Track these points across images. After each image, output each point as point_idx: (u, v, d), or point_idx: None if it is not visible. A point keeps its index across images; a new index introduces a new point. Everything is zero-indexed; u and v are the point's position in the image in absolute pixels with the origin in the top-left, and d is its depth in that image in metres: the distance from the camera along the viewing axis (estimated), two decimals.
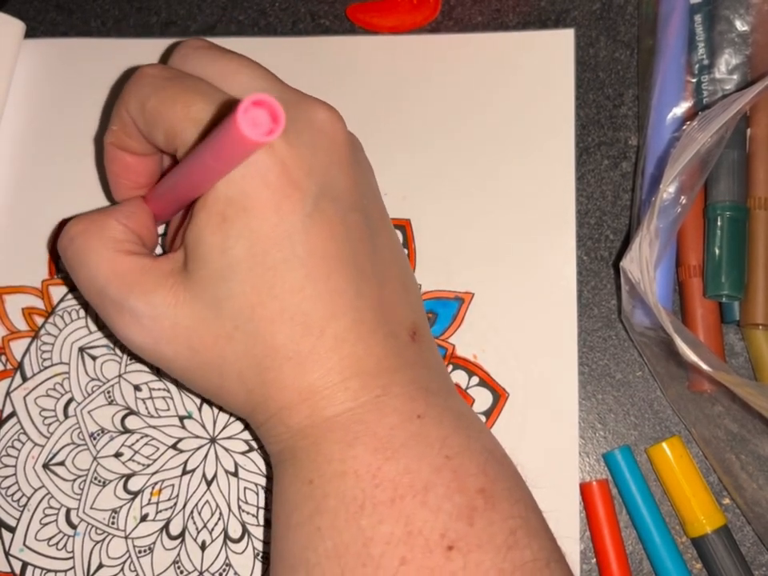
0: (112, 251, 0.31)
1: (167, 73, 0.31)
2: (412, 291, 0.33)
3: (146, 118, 0.31)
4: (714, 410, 0.36)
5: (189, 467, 0.38)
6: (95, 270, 0.31)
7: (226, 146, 0.25)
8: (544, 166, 0.39)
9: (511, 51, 0.41)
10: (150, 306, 0.30)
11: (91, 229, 0.32)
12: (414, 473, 0.27)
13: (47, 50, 0.42)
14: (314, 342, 0.29)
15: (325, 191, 0.29)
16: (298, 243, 0.28)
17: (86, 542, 0.37)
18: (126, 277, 0.30)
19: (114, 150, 0.34)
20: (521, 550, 0.27)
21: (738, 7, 0.38)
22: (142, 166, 0.34)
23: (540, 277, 0.38)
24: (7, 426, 0.38)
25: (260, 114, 0.24)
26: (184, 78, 0.31)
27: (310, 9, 0.43)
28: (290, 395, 0.29)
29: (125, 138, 0.33)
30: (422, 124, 0.40)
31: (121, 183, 0.35)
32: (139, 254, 0.31)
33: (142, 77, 0.31)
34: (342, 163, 0.30)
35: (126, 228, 0.32)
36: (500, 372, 0.38)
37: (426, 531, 0.27)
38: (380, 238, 0.32)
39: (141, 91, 0.31)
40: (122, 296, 0.30)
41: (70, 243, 0.32)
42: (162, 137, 0.30)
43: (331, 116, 0.31)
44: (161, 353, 0.30)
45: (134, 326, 0.30)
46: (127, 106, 0.31)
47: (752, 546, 0.36)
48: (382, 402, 0.29)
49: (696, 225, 0.37)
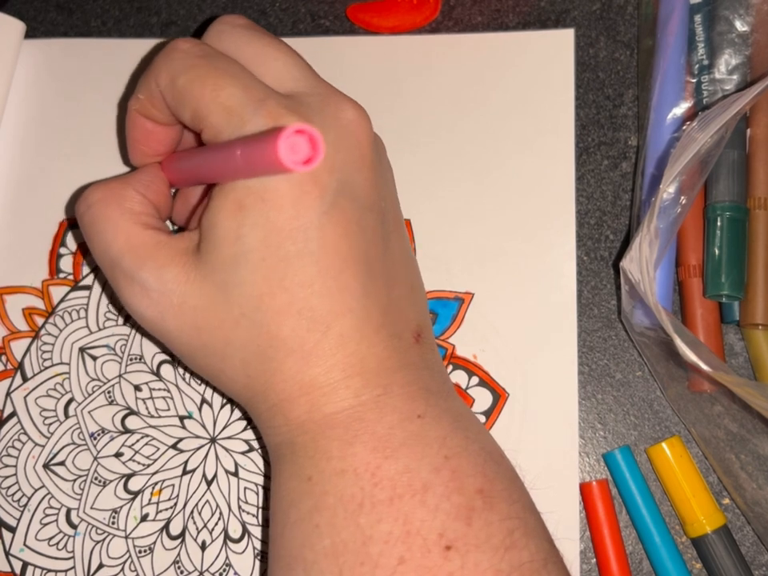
0: (129, 222, 0.31)
1: (200, 50, 0.31)
2: (419, 293, 0.33)
3: (175, 94, 0.31)
4: (714, 410, 0.36)
5: (189, 467, 0.38)
6: (111, 240, 0.31)
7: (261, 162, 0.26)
8: (544, 166, 0.39)
9: (511, 51, 0.41)
10: (161, 280, 0.30)
11: (109, 197, 0.32)
12: (413, 472, 0.28)
13: (47, 50, 0.42)
14: (319, 337, 0.29)
15: (344, 189, 0.29)
16: (313, 238, 0.29)
17: (87, 542, 0.37)
18: (140, 250, 0.31)
19: (137, 116, 0.34)
20: (518, 550, 0.27)
21: (737, 7, 0.38)
22: (164, 134, 0.34)
23: (540, 277, 0.38)
24: (7, 426, 0.38)
25: (300, 141, 0.24)
26: (216, 58, 0.31)
27: (309, 9, 0.43)
28: (291, 387, 0.29)
29: (150, 108, 0.33)
30: (422, 124, 0.40)
31: (139, 149, 0.35)
32: (155, 227, 0.32)
33: (175, 50, 0.31)
34: (364, 163, 0.30)
35: (144, 198, 0.32)
36: (500, 372, 0.38)
37: (425, 531, 0.27)
38: (392, 239, 0.32)
39: (172, 65, 0.31)
40: (134, 268, 0.30)
41: (87, 210, 0.32)
42: (188, 115, 0.30)
43: (359, 115, 0.31)
44: (165, 327, 0.31)
45: (142, 298, 0.30)
46: (157, 78, 0.31)
47: (752, 546, 0.36)
48: (383, 401, 0.29)
49: (696, 225, 0.37)
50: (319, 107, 0.30)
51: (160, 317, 0.30)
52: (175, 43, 0.31)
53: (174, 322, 0.30)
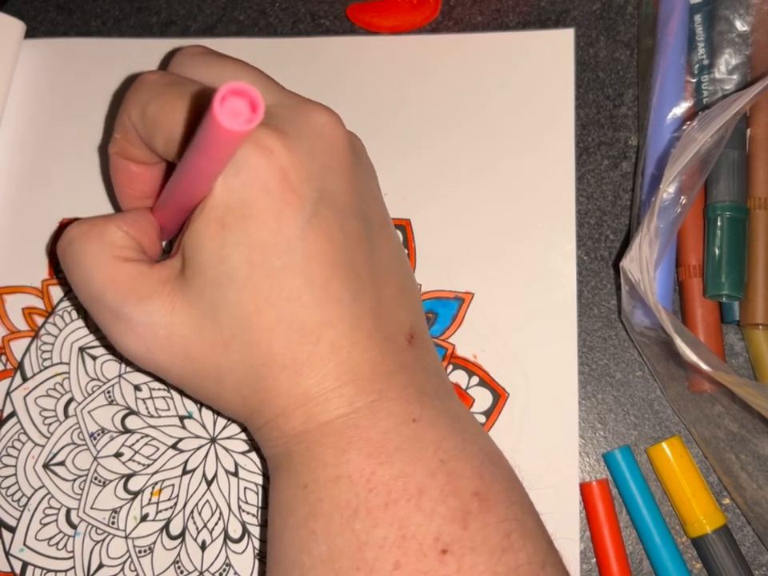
0: (109, 257, 0.31)
1: (167, 79, 0.31)
2: (411, 294, 0.33)
3: (147, 123, 0.30)
4: (714, 410, 0.36)
5: (189, 467, 0.38)
6: (91, 274, 0.30)
7: (208, 141, 0.25)
8: (544, 165, 0.39)
9: (511, 51, 0.41)
10: (146, 314, 0.29)
11: (90, 232, 0.31)
12: (409, 476, 0.27)
13: (47, 50, 0.42)
14: (311, 349, 0.29)
15: (324, 197, 0.29)
16: (297, 250, 0.28)
17: (86, 542, 0.37)
18: (122, 283, 0.30)
19: (118, 159, 0.34)
20: (515, 552, 0.27)
21: (737, 7, 0.38)
22: (147, 175, 0.34)
23: (540, 277, 0.38)
24: (7, 426, 0.38)
25: (239, 104, 0.23)
26: (183, 84, 0.31)
27: (309, 9, 0.43)
28: (286, 402, 0.29)
29: (128, 147, 0.32)
30: (422, 124, 0.40)
31: (126, 193, 0.34)
32: (137, 260, 0.31)
33: (143, 83, 0.31)
34: (342, 168, 0.30)
35: (127, 235, 0.31)
36: (500, 372, 0.38)
37: (420, 535, 0.27)
38: (379, 241, 0.32)
39: (141, 97, 0.31)
40: (117, 303, 0.30)
41: (68, 246, 0.31)
42: (161, 142, 0.30)
43: (330, 120, 0.30)
44: (155, 361, 0.30)
45: (128, 333, 0.30)
46: (129, 113, 0.31)
47: (752, 546, 0.36)
48: (377, 406, 0.29)
49: (696, 225, 0.37)
50: (290, 117, 0.30)
51: (148, 351, 0.30)
52: (142, 76, 0.31)
53: (163, 356, 0.30)
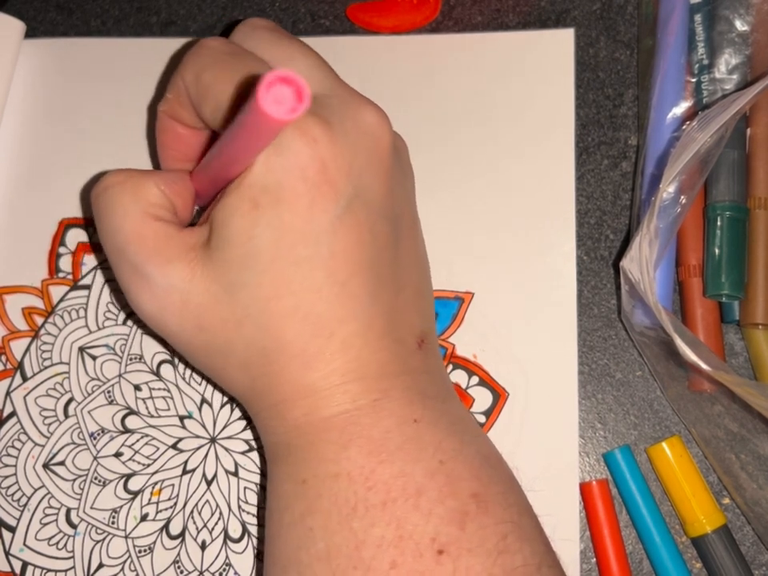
0: (141, 212, 0.30)
1: (227, 48, 0.31)
2: (426, 299, 0.33)
3: (199, 89, 0.30)
4: (713, 410, 0.36)
5: (189, 467, 0.38)
6: (119, 225, 0.30)
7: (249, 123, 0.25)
8: (544, 165, 0.39)
9: (511, 51, 0.41)
10: (165, 276, 0.29)
11: (126, 183, 0.31)
12: (408, 476, 0.27)
13: (47, 50, 0.42)
14: (322, 343, 0.29)
15: (359, 194, 0.29)
16: (324, 243, 0.28)
17: (86, 542, 0.37)
18: (148, 241, 0.30)
19: (166, 118, 0.33)
20: (512, 554, 0.27)
21: (737, 7, 0.38)
22: (192, 139, 0.33)
23: (540, 277, 0.38)
24: (7, 426, 0.38)
25: (285, 92, 0.23)
26: (241, 57, 0.30)
27: (309, 9, 0.43)
28: (291, 390, 0.29)
29: (177, 108, 0.32)
30: (422, 124, 0.40)
31: (168, 154, 0.34)
32: (166, 220, 0.31)
33: (202, 47, 0.31)
34: (382, 168, 0.30)
35: (162, 194, 0.31)
36: (500, 372, 0.38)
37: (417, 535, 0.27)
38: (404, 244, 0.31)
39: (198, 61, 0.30)
40: (139, 260, 0.30)
41: (102, 192, 0.31)
42: (209, 111, 0.30)
43: (378, 119, 0.30)
44: (166, 324, 0.30)
45: (145, 291, 0.30)
46: (183, 75, 0.31)
47: (752, 546, 0.36)
48: (380, 405, 0.29)
49: (696, 225, 0.37)
50: (339, 110, 0.30)
51: (161, 313, 0.30)
52: (203, 41, 0.31)
53: (174, 320, 0.30)
